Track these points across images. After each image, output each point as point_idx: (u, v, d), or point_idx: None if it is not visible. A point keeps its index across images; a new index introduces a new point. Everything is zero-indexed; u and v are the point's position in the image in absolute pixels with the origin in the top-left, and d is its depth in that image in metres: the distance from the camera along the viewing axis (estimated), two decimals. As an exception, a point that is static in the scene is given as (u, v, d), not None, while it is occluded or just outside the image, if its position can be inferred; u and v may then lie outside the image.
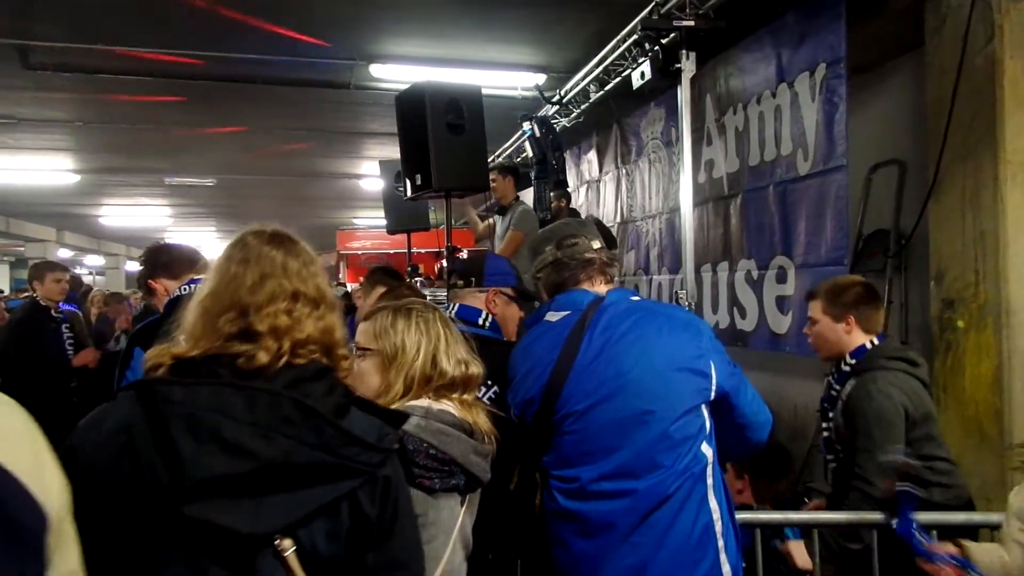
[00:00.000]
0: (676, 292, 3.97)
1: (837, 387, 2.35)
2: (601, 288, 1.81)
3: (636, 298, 1.79)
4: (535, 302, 2.52)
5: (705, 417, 1.67)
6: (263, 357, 1.02)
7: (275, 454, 0.94)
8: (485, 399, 1.84)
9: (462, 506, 1.49)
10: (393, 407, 1.42)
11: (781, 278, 3.84)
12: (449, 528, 1.44)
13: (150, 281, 2.67)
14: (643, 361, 1.64)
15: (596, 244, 1.83)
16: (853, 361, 2.31)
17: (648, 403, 1.62)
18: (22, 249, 14.90)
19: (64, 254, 14.84)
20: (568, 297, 1.79)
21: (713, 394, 1.66)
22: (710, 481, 1.65)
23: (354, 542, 1.00)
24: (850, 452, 2.24)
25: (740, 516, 1.93)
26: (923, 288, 3.50)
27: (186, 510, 0.91)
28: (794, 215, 3.71)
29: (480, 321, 2.08)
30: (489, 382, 1.88)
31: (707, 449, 1.66)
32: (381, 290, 2.85)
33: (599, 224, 4.42)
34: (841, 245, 3.40)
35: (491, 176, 4.72)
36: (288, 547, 0.95)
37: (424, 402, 1.47)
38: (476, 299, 2.12)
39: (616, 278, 1.87)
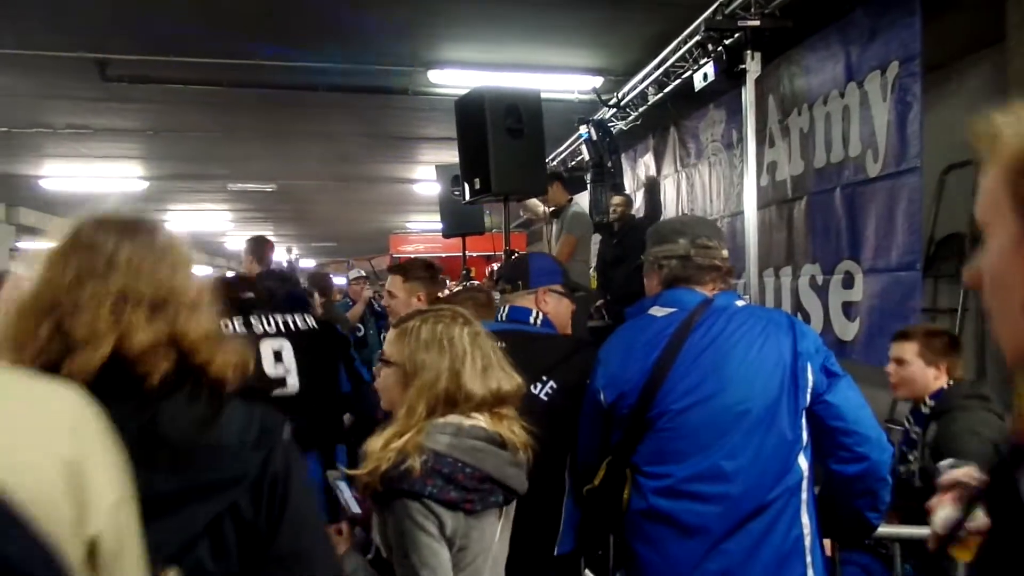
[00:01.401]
0: (740, 297, 3.90)
1: (918, 429, 2.37)
2: (711, 290, 1.79)
3: (742, 302, 1.77)
4: (582, 292, 2.49)
5: (803, 428, 1.63)
6: (85, 371, 0.88)
7: (135, 488, 0.81)
8: (542, 394, 1.84)
9: (499, 520, 1.47)
10: (415, 431, 1.39)
11: (848, 283, 3.72)
12: (489, 546, 1.42)
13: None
14: (745, 364, 1.63)
15: (725, 253, 1.82)
16: (932, 403, 2.36)
17: (747, 405, 1.60)
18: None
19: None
20: (675, 295, 1.77)
21: (809, 397, 1.62)
22: (804, 496, 1.61)
23: (244, 552, 0.93)
24: None
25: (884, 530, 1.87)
26: (1002, 294, 3.34)
27: None
28: (862, 218, 3.60)
29: (531, 320, 2.07)
30: (544, 377, 1.86)
31: (803, 461, 1.63)
32: (420, 291, 2.59)
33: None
34: (914, 250, 3.28)
35: None
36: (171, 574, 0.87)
37: (454, 419, 1.43)
38: (526, 300, 2.10)
39: (728, 285, 1.84)
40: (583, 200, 5.85)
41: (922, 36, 3.19)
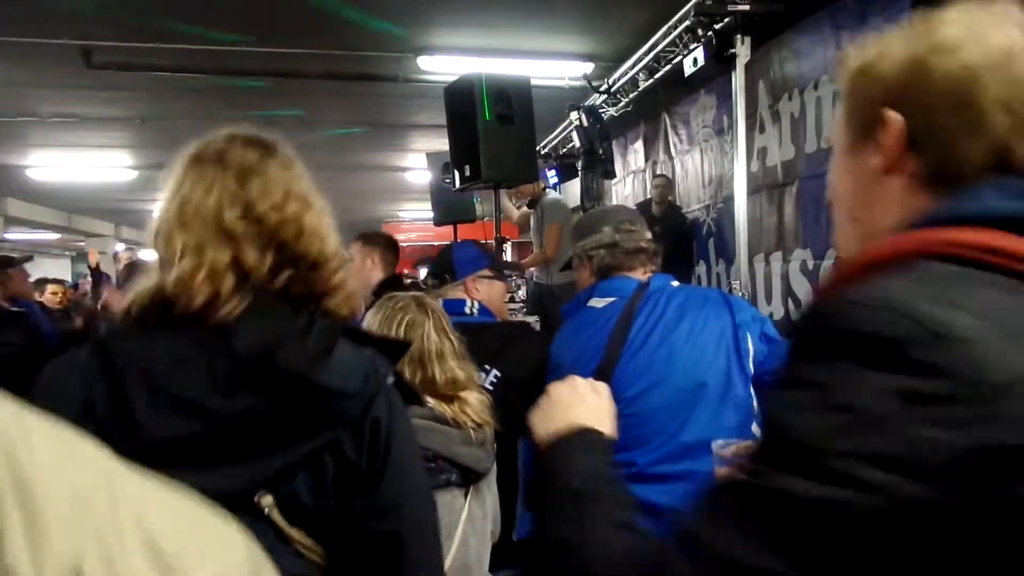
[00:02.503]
0: (730, 282, 3.91)
1: None
2: (642, 275, 1.83)
3: (676, 283, 1.82)
4: (515, 272, 2.46)
5: (753, 396, 1.67)
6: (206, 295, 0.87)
7: (235, 411, 0.84)
8: (487, 383, 1.83)
9: (466, 498, 1.46)
10: None
11: (839, 268, 3.73)
12: (451, 524, 1.41)
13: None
14: (691, 341, 1.67)
15: (648, 235, 1.86)
16: None
17: (699, 380, 1.64)
18: (83, 244, 15.48)
19: (121, 248, 15.38)
20: (611, 284, 1.80)
21: (752, 366, 1.67)
22: None
23: (341, 490, 0.92)
24: None
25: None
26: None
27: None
28: (853, 203, 3.60)
29: (467, 310, 2.03)
30: (487, 366, 1.85)
31: (757, 430, 1.65)
32: (374, 255, 2.73)
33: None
34: (903, 234, 3.29)
35: None
36: (268, 503, 0.87)
37: None
38: (457, 292, 2.07)
39: (657, 268, 1.89)
40: (574, 187, 5.84)
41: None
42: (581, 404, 0.97)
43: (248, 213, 0.92)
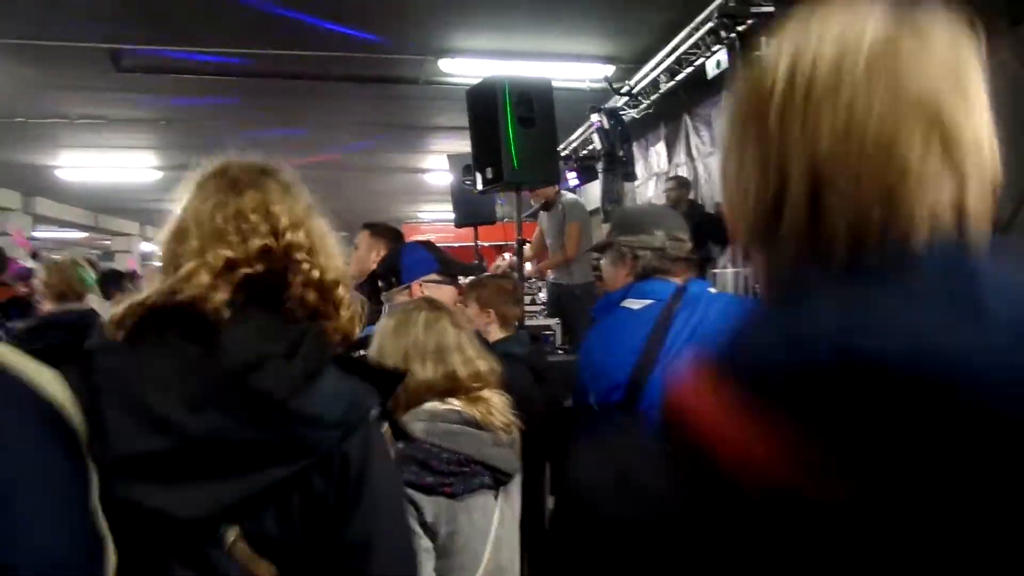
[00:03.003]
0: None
1: None
2: (681, 279, 1.81)
3: (713, 289, 1.81)
4: (472, 274, 2.44)
5: None
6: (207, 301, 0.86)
7: (203, 430, 0.82)
8: None
9: (497, 500, 1.46)
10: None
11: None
12: (484, 529, 1.42)
13: None
14: None
15: (690, 246, 1.86)
16: None
17: None
18: (109, 243, 15.72)
19: (146, 247, 15.60)
20: (649, 285, 1.78)
21: None
22: None
23: (308, 524, 0.88)
24: None
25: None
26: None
27: (113, 490, 0.80)
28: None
29: None
30: None
31: None
32: (380, 247, 2.63)
33: None
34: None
35: None
36: (231, 534, 0.85)
37: (428, 405, 1.43)
38: (404, 296, 2.03)
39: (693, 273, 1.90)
40: (594, 189, 5.83)
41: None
42: None
43: (242, 219, 0.92)
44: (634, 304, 1.78)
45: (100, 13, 4.42)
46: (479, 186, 4.08)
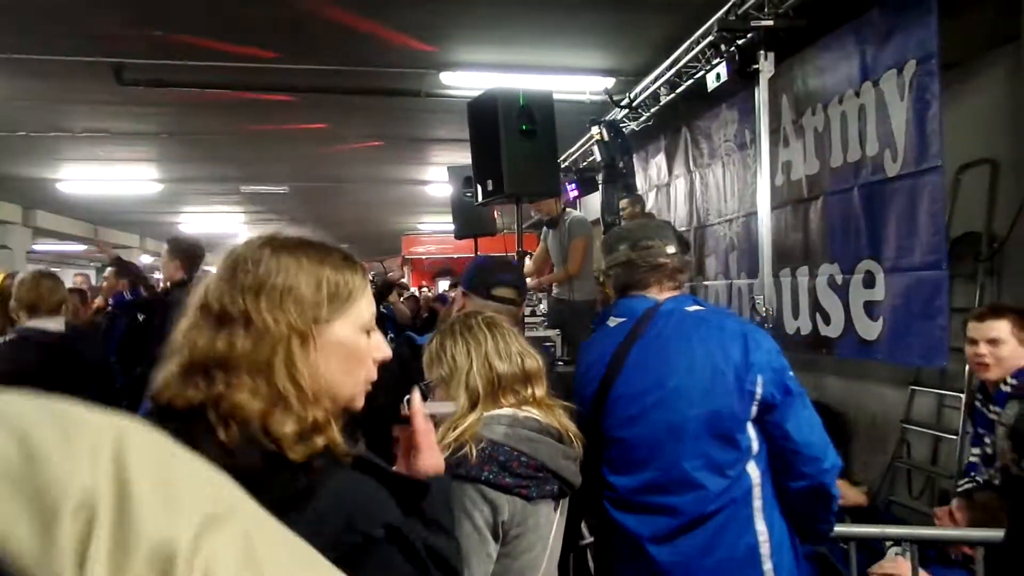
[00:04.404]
0: (753, 297, 3.88)
1: (997, 408, 2.23)
2: (665, 294, 1.79)
3: (694, 307, 1.74)
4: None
5: (752, 437, 1.61)
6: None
7: None
8: None
9: (556, 511, 1.49)
10: (472, 421, 1.40)
11: (868, 283, 3.70)
12: (546, 535, 1.45)
13: None
14: (685, 373, 1.61)
15: (670, 249, 1.81)
16: (1014, 382, 2.20)
17: (685, 416, 1.59)
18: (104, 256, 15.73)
19: (146, 259, 15.60)
20: (626, 303, 1.81)
21: (755, 411, 1.59)
22: (757, 503, 1.60)
23: None
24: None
25: (838, 529, 1.87)
26: (1017, 293, 3.32)
27: None
28: (882, 218, 3.58)
29: None
30: None
31: (754, 470, 1.60)
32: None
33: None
34: (938, 249, 3.27)
35: None
36: None
37: (508, 410, 1.46)
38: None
39: (685, 284, 1.85)
40: (595, 200, 5.84)
41: (938, 35, 3.18)
42: None
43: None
44: (612, 322, 1.82)
45: (103, 27, 4.45)
46: (479, 198, 4.10)
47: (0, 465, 0.37)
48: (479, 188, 4.09)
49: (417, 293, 11.42)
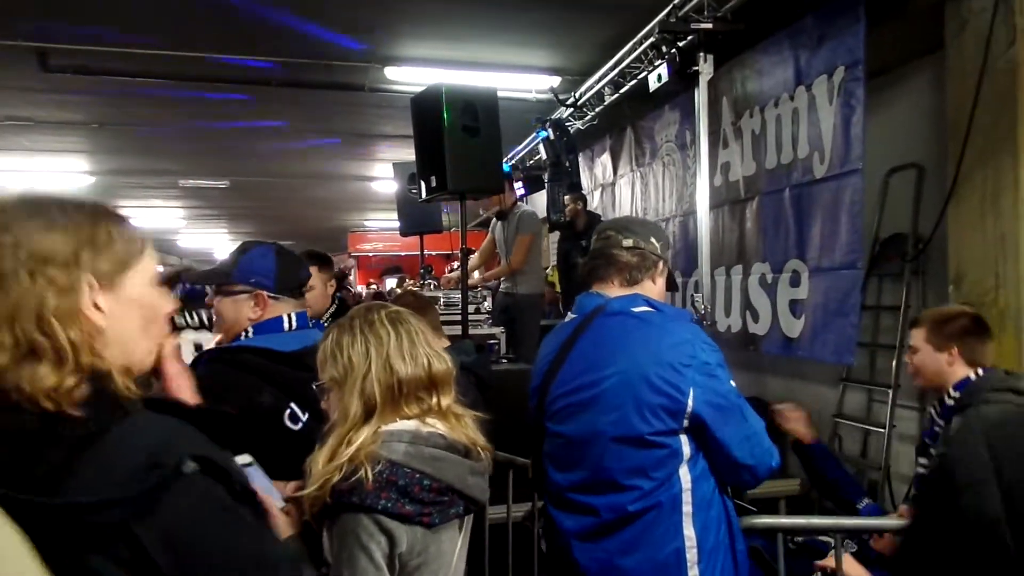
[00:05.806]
0: (691, 295, 3.96)
1: (941, 422, 2.21)
2: (617, 290, 1.76)
3: (643, 309, 1.69)
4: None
5: (682, 443, 1.57)
6: None
7: None
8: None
9: (460, 531, 1.39)
10: (367, 437, 1.26)
11: (795, 282, 3.82)
12: (449, 560, 1.35)
13: None
14: (619, 375, 1.58)
15: (627, 242, 1.75)
16: (956, 395, 2.17)
17: (614, 419, 1.57)
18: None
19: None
20: (582, 299, 1.80)
21: (687, 421, 1.55)
22: (687, 508, 1.57)
23: None
24: None
25: (763, 520, 1.91)
26: (941, 293, 3.46)
27: None
28: (809, 218, 3.70)
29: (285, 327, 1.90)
30: None
31: (685, 474, 1.57)
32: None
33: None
34: (855, 249, 3.39)
35: None
36: None
37: (411, 424, 1.32)
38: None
39: (642, 281, 1.77)
40: (541, 199, 5.87)
41: (866, 42, 3.29)
42: None
43: None
44: (568, 316, 1.83)
45: (25, 10, 4.23)
46: (423, 194, 4.07)
47: None
48: (423, 184, 4.06)
49: (364, 291, 11.25)
